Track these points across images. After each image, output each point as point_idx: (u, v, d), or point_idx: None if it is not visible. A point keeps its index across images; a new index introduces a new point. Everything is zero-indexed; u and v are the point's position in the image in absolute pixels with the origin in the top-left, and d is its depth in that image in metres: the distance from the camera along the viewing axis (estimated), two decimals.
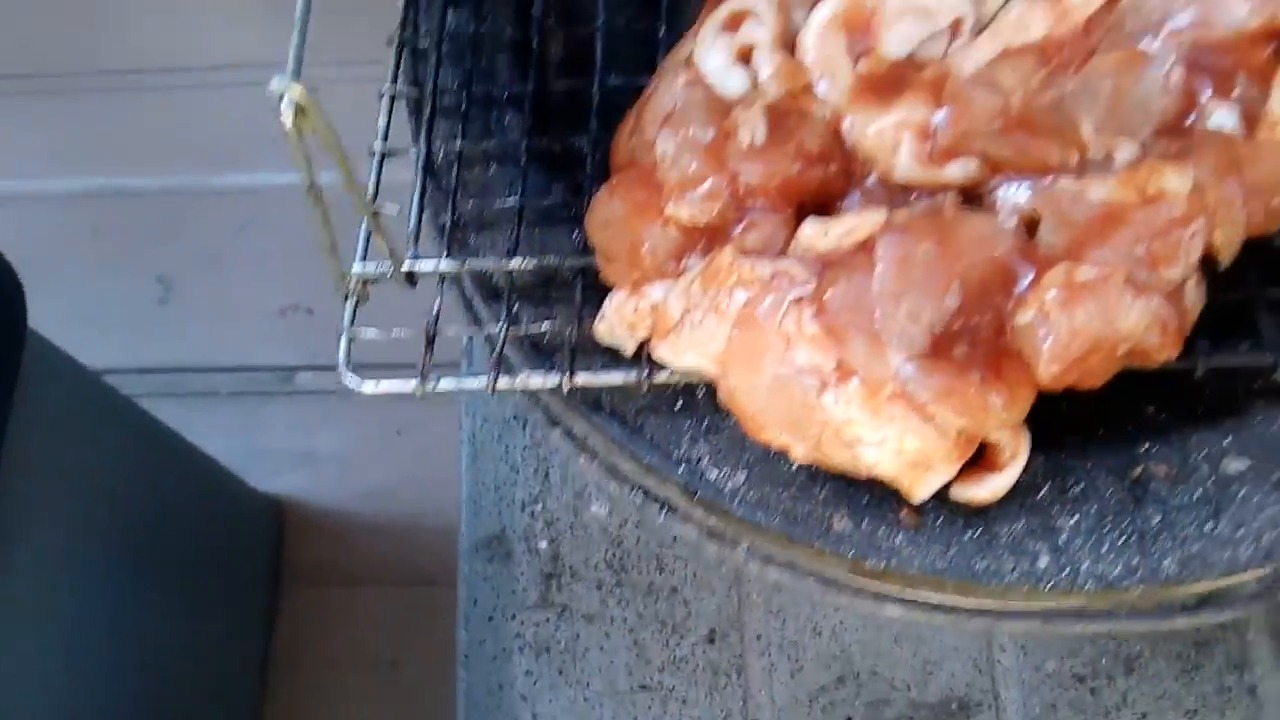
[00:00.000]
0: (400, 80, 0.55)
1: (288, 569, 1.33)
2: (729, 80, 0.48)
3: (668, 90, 0.48)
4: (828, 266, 0.44)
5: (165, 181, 1.46)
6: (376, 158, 0.53)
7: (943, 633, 0.69)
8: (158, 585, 1.03)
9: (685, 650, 0.71)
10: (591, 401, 0.50)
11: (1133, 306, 0.43)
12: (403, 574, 1.31)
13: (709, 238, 0.46)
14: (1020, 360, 0.43)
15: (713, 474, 0.48)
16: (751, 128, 0.46)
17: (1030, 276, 0.43)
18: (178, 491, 1.11)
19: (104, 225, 1.45)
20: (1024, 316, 0.43)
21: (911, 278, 0.43)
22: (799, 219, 0.46)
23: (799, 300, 0.43)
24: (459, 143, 0.54)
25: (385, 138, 0.53)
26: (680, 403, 0.50)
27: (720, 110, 0.47)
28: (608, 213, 0.48)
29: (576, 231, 0.51)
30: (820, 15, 0.48)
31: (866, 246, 0.44)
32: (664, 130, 0.47)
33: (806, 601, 0.70)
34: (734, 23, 0.48)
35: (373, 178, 0.52)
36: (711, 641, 0.71)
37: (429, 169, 0.53)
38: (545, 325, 0.50)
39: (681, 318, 0.45)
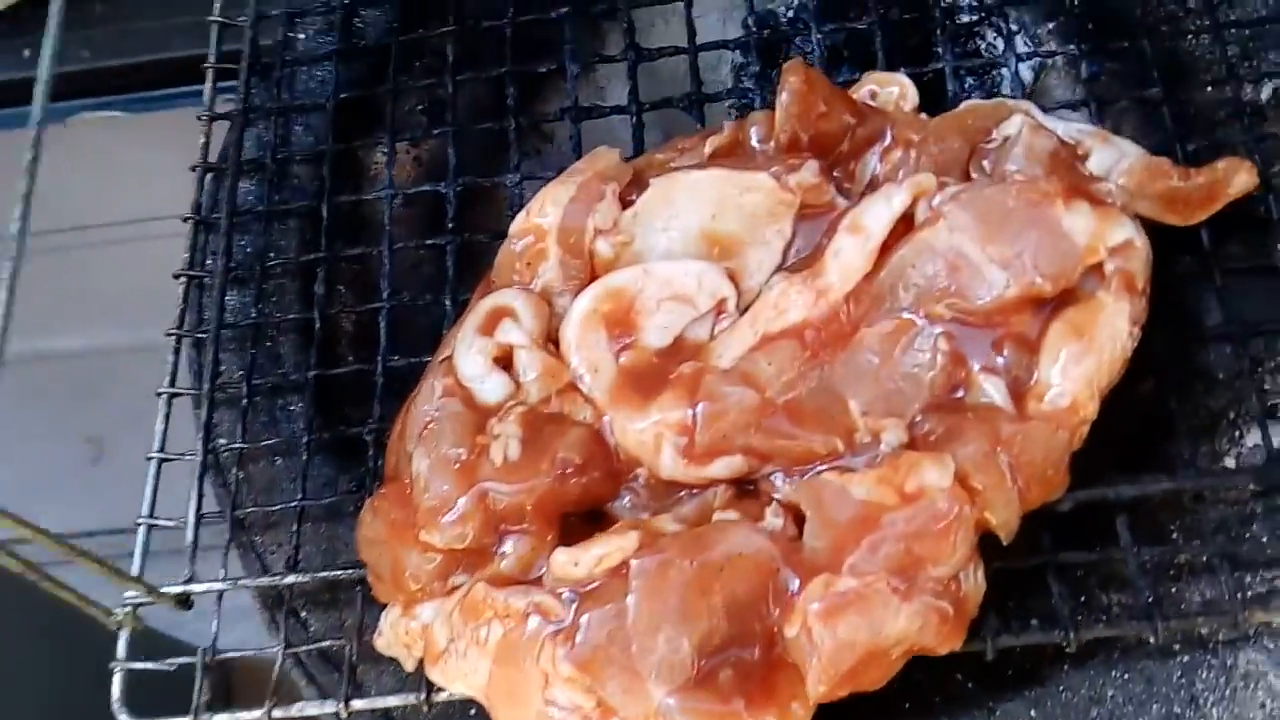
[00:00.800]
0: (180, 374, 0.53)
1: None
2: (487, 386, 0.46)
3: (427, 398, 0.47)
4: (584, 596, 0.42)
5: (87, 342, 1.45)
6: (154, 466, 0.52)
7: None
8: None
9: None
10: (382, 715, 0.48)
11: (900, 611, 0.41)
12: None
13: (472, 555, 0.45)
14: (796, 671, 0.42)
15: None
16: (504, 443, 0.44)
17: (796, 583, 0.42)
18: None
19: (28, 389, 1.44)
20: (790, 630, 0.41)
21: (668, 604, 0.41)
22: (564, 531, 0.44)
23: (554, 635, 0.42)
24: (240, 440, 0.52)
25: (163, 446, 0.52)
26: (475, 711, 0.48)
27: (477, 421, 0.45)
28: (372, 532, 0.46)
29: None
30: (579, 308, 0.47)
31: (621, 571, 0.42)
32: (419, 448, 0.45)
33: None
34: (492, 322, 0.47)
35: (149, 488, 0.51)
36: None
37: (207, 470, 0.52)
38: (327, 642, 0.48)
39: (447, 646, 0.43)
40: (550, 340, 0.47)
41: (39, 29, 0.42)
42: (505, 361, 0.47)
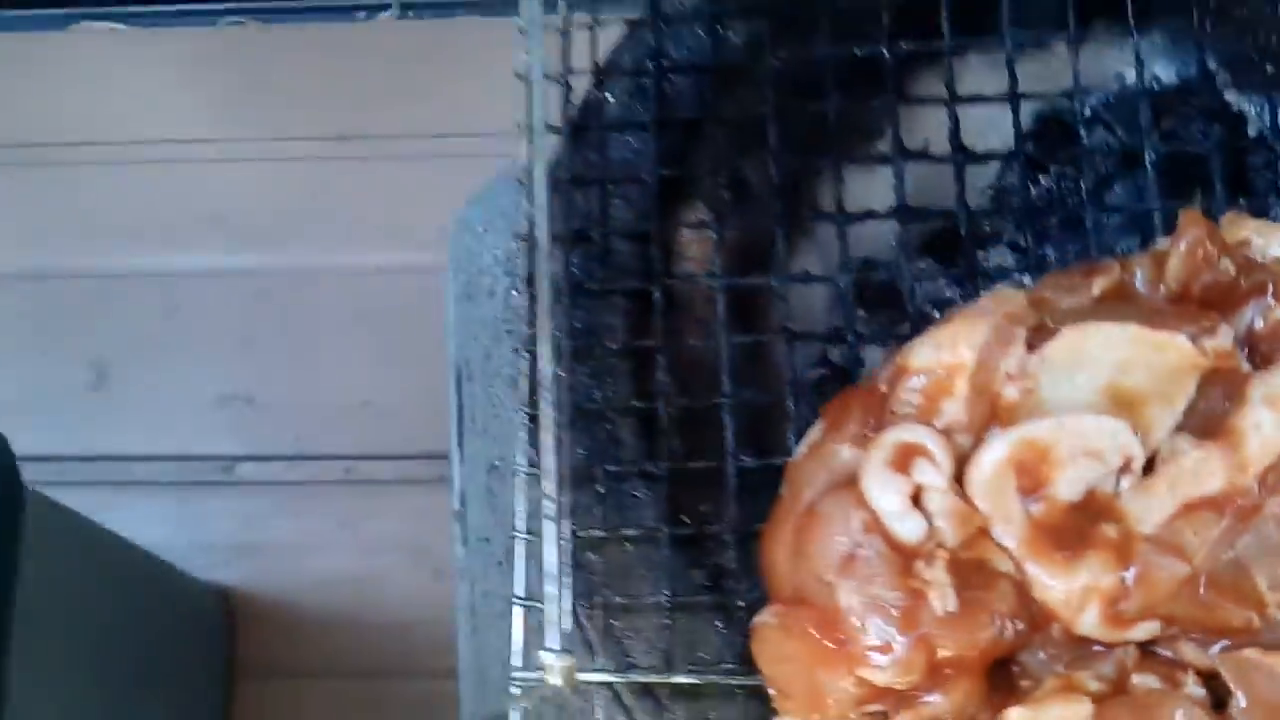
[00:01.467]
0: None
1: (238, 662, 1.31)
2: (906, 526, 0.47)
3: (841, 527, 0.47)
4: None
5: (92, 262, 1.40)
6: (520, 546, 0.51)
7: None
8: (108, 689, 1.01)
9: None
10: None
11: None
12: (352, 666, 1.30)
13: (896, 693, 0.46)
14: None
15: None
16: (942, 593, 0.45)
17: None
18: (125, 592, 1.09)
19: (30, 308, 1.39)
20: None
21: None
22: (987, 679, 0.46)
23: None
24: (592, 525, 0.52)
25: (527, 528, 0.52)
26: None
27: (901, 562, 0.46)
28: (784, 651, 0.47)
29: (723, 627, 0.51)
30: (993, 456, 0.47)
31: None
32: (846, 580, 0.46)
33: None
34: (904, 459, 0.48)
35: (519, 568, 0.51)
36: None
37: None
38: None
39: None
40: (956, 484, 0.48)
41: None
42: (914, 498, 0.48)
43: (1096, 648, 0.47)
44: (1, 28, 1.45)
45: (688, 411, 0.55)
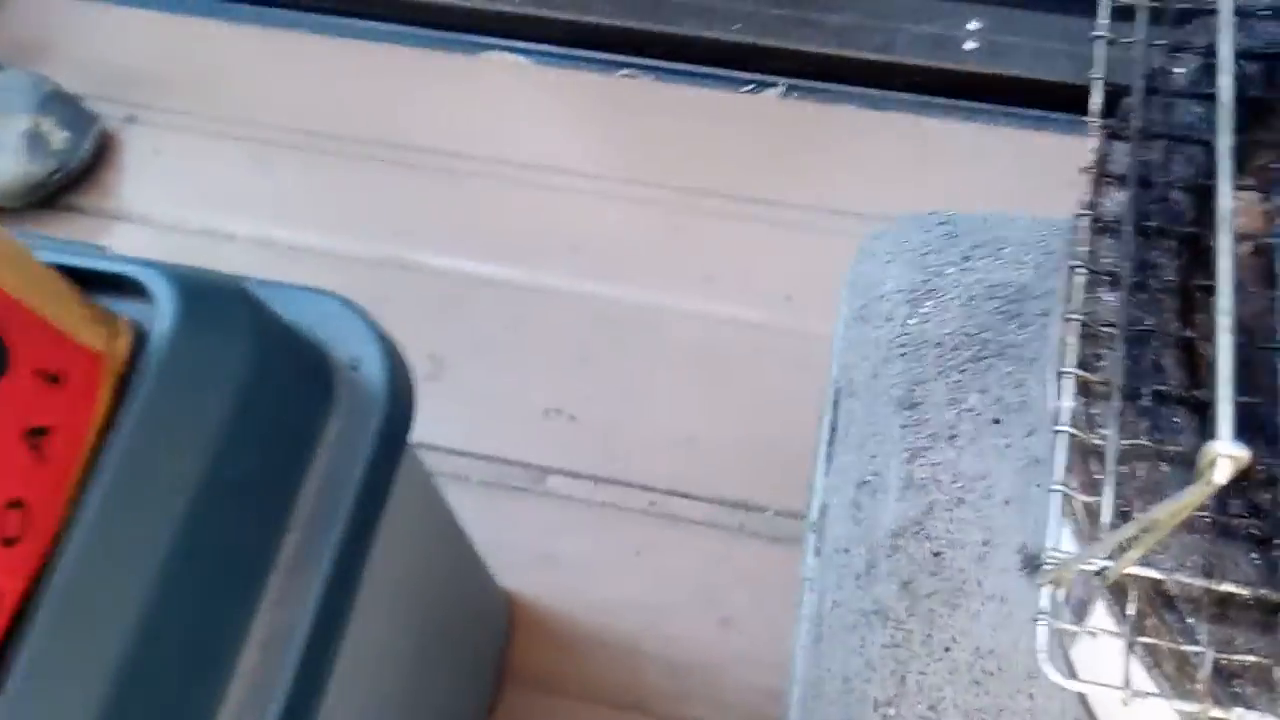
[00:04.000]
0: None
1: (510, 669, 1.34)
2: None
3: None
4: None
5: (453, 263, 1.48)
6: (1064, 440, 0.53)
7: None
8: (401, 667, 1.02)
9: None
10: None
11: None
12: (619, 696, 1.31)
13: None
14: None
15: None
16: None
17: None
18: (442, 573, 1.11)
19: (384, 295, 1.47)
20: None
21: None
22: None
23: None
24: (1120, 434, 0.54)
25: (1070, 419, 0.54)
26: None
27: None
28: None
29: (1258, 558, 0.51)
30: None
31: None
32: None
33: None
34: None
35: (1059, 460, 0.53)
36: None
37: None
38: (1249, 657, 0.49)
39: None
40: None
41: None
42: None
43: None
44: (416, 43, 1.58)
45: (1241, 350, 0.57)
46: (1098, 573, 0.51)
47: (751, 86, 1.54)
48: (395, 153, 1.53)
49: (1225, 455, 0.40)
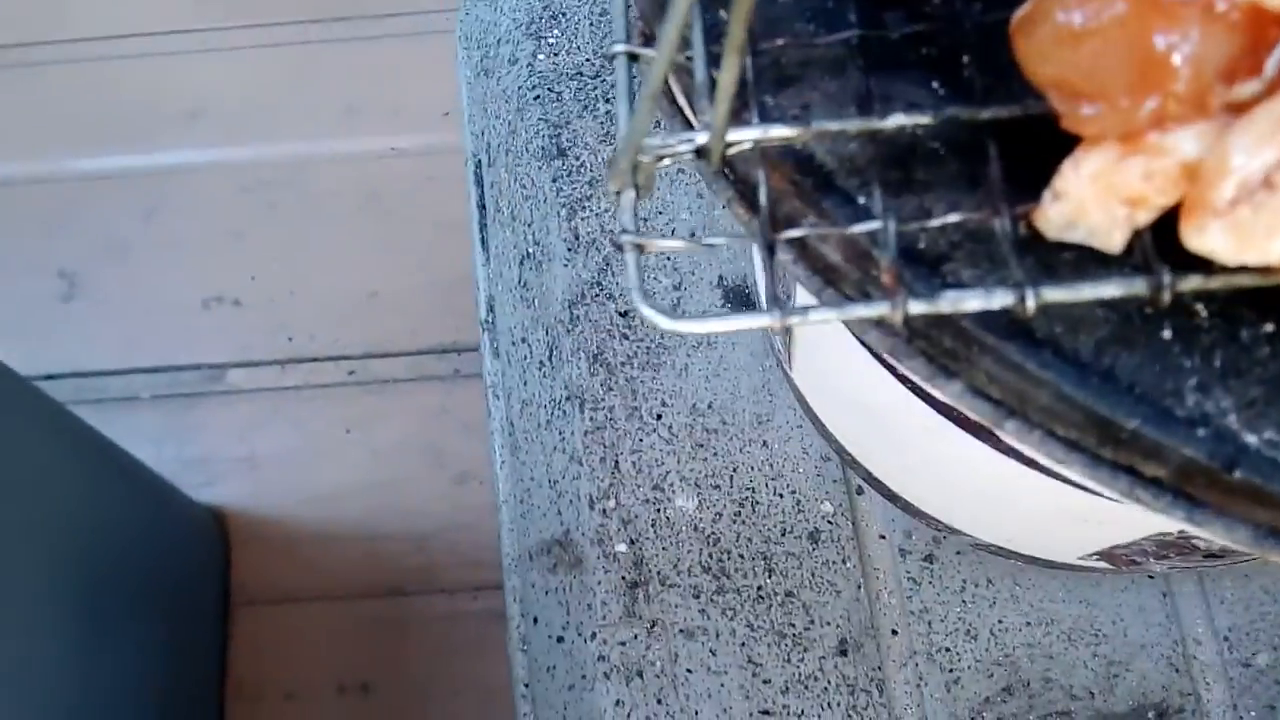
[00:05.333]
0: None
1: (237, 587, 1.19)
2: None
3: None
4: None
5: (57, 166, 1.29)
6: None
7: (1124, 626, 0.60)
8: (100, 614, 0.89)
9: (811, 666, 0.60)
10: (1016, 332, 0.31)
11: None
12: (365, 586, 1.19)
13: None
14: None
15: (1250, 438, 0.29)
16: None
17: None
18: (115, 505, 0.97)
19: None
20: None
21: None
22: None
23: None
24: None
25: None
26: (1169, 329, 0.31)
27: None
28: (1096, 17, 0.31)
29: (934, 82, 0.33)
30: None
31: None
32: None
33: (955, 598, 0.61)
34: None
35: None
36: (843, 653, 0.60)
37: None
38: (951, 217, 0.31)
39: (1237, 191, 0.29)
40: None
41: None
42: None
43: None
44: None
45: None
46: (697, 154, 0.32)
47: None
48: None
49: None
